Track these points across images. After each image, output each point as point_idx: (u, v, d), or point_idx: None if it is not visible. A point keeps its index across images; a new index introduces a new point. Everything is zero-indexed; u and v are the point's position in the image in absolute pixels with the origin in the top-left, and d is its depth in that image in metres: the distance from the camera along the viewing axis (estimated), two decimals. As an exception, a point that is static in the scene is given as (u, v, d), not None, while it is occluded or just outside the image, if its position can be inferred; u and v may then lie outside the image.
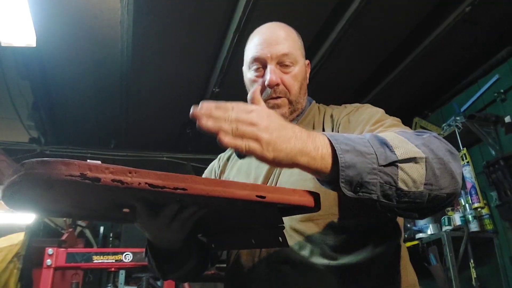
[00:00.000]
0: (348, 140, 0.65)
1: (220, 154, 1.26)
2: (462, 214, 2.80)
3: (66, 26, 2.54)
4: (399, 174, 0.64)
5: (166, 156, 4.11)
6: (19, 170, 0.55)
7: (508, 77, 2.78)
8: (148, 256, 0.97)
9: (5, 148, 3.40)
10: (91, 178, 0.54)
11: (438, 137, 0.74)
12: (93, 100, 3.41)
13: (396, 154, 0.64)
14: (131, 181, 0.57)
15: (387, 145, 0.65)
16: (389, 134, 0.71)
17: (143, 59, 2.88)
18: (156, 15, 2.49)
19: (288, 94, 1.03)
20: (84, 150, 3.92)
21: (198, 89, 3.31)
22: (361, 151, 0.63)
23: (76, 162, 0.55)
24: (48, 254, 2.20)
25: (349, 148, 0.63)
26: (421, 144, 0.68)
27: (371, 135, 0.68)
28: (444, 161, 0.68)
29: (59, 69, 2.97)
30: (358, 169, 0.62)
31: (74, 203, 0.69)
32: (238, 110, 0.62)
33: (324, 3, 2.47)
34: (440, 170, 0.67)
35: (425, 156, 0.66)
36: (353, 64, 3.08)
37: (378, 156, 0.63)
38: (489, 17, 2.59)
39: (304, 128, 1.04)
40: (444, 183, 0.67)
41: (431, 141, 0.71)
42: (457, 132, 2.86)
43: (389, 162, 0.63)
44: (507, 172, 2.56)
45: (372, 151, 0.64)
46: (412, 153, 0.65)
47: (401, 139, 0.68)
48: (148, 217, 0.70)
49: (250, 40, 1.10)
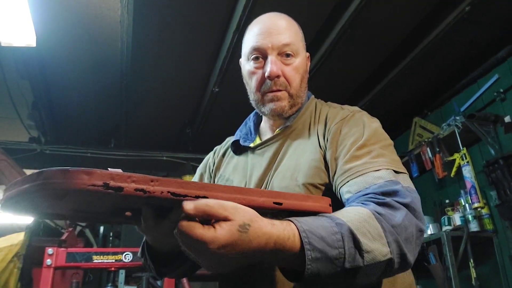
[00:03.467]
0: (321, 242, 0.64)
1: (216, 147, 1.22)
2: (462, 214, 2.80)
3: (66, 26, 2.54)
4: (359, 273, 0.67)
5: (166, 156, 4.10)
6: (35, 179, 0.52)
7: (508, 76, 2.78)
8: (145, 257, 0.95)
9: (5, 148, 3.40)
10: (114, 188, 0.53)
11: (413, 209, 0.76)
12: (93, 99, 3.41)
13: (365, 260, 0.66)
14: (153, 190, 0.56)
15: (360, 249, 0.66)
16: (366, 220, 0.70)
17: (143, 59, 2.88)
18: (156, 15, 2.49)
19: (289, 87, 0.99)
20: (84, 149, 3.92)
21: (198, 89, 3.31)
22: (331, 258, 0.64)
23: (98, 171, 0.53)
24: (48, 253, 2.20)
25: (321, 255, 0.63)
26: (392, 240, 0.70)
27: (348, 229, 0.67)
28: (406, 256, 0.71)
29: (59, 69, 2.97)
30: (322, 275, 0.64)
31: (77, 207, 0.67)
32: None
33: (324, 2, 2.47)
34: (398, 264, 0.71)
35: (390, 257, 0.69)
36: (353, 64, 3.08)
37: (347, 259, 0.65)
38: (489, 16, 2.59)
39: (301, 125, 1.02)
40: (396, 271, 0.73)
41: (404, 228, 0.72)
42: (457, 132, 2.86)
43: (354, 266, 0.65)
44: (507, 172, 2.56)
45: (342, 254, 0.64)
46: (380, 257, 0.67)
47: (377, 233, 0.69)
48: (154, 222, 0.68)
49: (250, 29, 1.05)
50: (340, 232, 0.66)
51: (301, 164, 0.94)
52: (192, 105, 3.55)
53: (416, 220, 0.76)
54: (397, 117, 3.65)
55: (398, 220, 0.72)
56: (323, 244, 0.63)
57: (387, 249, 0.68)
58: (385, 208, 0.74)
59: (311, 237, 0.63)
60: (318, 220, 0.68)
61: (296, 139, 1.01)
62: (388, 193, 0.77)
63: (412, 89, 3.39)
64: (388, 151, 0.89)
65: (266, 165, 1.00)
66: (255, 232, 0.60)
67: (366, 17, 2.49)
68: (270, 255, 0.63)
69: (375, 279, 0.71)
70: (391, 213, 0.73)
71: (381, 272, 0.70)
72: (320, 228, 0.66)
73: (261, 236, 0.61)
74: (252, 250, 0.60)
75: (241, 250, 0.59)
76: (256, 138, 1.11)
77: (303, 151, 0.97)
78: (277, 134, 1.04)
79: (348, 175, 0.84)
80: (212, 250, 0.57)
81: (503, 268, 2.69)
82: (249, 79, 1.03)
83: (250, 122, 1.16)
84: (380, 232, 0.69)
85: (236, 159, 1.10)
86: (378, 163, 0.83)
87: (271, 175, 0.98)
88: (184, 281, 2.69)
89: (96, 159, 4.00)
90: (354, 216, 0.70)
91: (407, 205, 0.76)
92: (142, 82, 3.16)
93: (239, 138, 1.10)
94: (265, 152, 1.03)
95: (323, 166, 0.92)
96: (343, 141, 0.91)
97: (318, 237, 0.64)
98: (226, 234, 0.58)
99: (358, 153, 0.86)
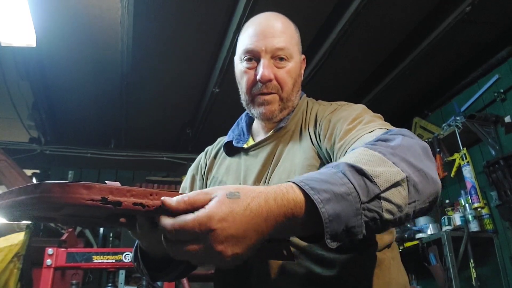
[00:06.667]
0: (324, 183, 0.56)
1: (207, 147, 1.20)
2: (462, 214, 2.80)
3: (66, 26, 2.54)
4: (383, 205, 0.58)
5: (166, 156, 4.10)
6: (31, 191, 0.50)
7: (508, 77, 2.78)
8: (138, 262, 0.93)
9: (5, 148, 3.40)
10: (112, 203, 0.51)
11: (409, 135, 0.70)
12: (93, 100, 3.41)
13: (378, 185, 0.58)
14: (152, 204, 0.54)
15: (366, 176, 0.58)
16: (362, 153, 0.64)
17: (143, 59, 2.88)
18: (156, 15, 2.49)
19: (280, 91, 0.98)
20: (84, 150, 3.92)
21: (198, 89, 3.31)
22: (342, 194, 0.55)
23: (97, 185, 0.51)
24: (48, 254, 2.19)
25: (329, 195, 0.54)
26: (398, 160, 0.62)
27: (344, 164, 0.60)
28: (424, 170, 0.64)
29: (59, 69, 2.97)
30: (343, 217, 0.55)
31: (71, 213, 0.66)
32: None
33: (325, 2, 2.47)
34: (422, 183, 0.63)
35: (405, 176, 0.61)
36: (353, 64, 3.08)
37: (360, 192, 0.56)
38: (489, 17, 2.59)
39: (294, 126, 1.01)
40: (426, 194, 0.64)
41: (406, 147, 0.66)
42: (457, 132, 2.86)
43: (372, 197, 0.57)
44: (507, 172, 2.56)
45: (352, 188, 0.56)
46: (393, 177, 0.59)
47: (377, 158, 0.62)
48: (150, 229, 0.67)
49: (245, 30, 1.03)
50: (339, 171, 0.59)
51: (296, 165, 0.94)
52: (192, 105, 3.55)
53: (416, 139, 0.69)
54: (397, 117, 3.65)
55: (396, 143, 0.66)
56: (326, 185, 0.56)
57: (397, 168, 0.61)
58: (379, 141, 0.68)
59: (310, 183, 0.56)
60: (312, 172, 0.61)
61: (290, 140, 1.01)
62: (379, 138, 0.71)
63: (412, 89, 3.39)
64: (378, 118, 0.89)
65: (260, 166, 0.99)
66: (247, 194, 0.54)
67: (366, 17, 2.49)
68: (276, 216, 0.54)
69: (418, 207, 0.62)
70: (386, 143, 0.67)
71: (411, 197, 0.60)
72: (316, 174, 0.59)
73: (257, 196, 0.54)
74: (253, 215, 0.53)
75: (243, 219, 0.52)
76: (249, 139, 1.10)
77: (297, 151, 0.97)
78: (271, 135, 1.03)
79: (345, 145, 0.83)
80: (215, 232, 0.51)
81: (504, 269, 2.69)
82: (241, 79, 1.03)
83: (243, 123, 1.15)
84: (381, 157, 0.62)
85: (228, 160, 1.08)
86: (370, 126, 0.82)
87: (267, 177, 0.97)
88: (184, 281, 2.69)
89: (96, 160, 4.00)
90: (348, 156, 0.65)
91: (401, 133, 0.70)
92: (142, 82, 3.15)
93: (232, 139, 1.09)
94: (259, 153, 1.03)
95: (317, 163, 0.92)
96: (335, 126, 0.91)
97: (318, 181, 0.57)
98: (217, 204, 0.52)
99: (350, 126, 0.86)
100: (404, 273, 0.95)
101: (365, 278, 0.87)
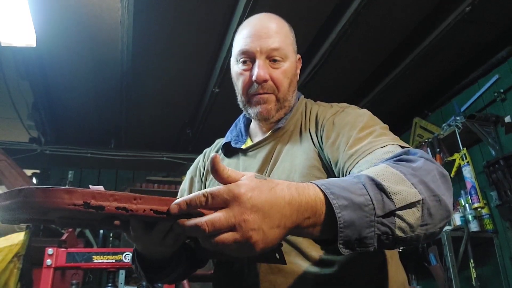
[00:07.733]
0: (344, 191, 0.59)
1: (205, 149, 1.20)
2: (462, 214, 2.80)
3: (66, 26, 2.54)
4: (396, 222, 0.61)
5: (166, 156, 4.11)
6: (15, 195, 0.51)
7: (508, 77, 2.78)
8: (135, 265, 0.93)
9: (5, 148, 3.39)
10: (94, 207, 0.52)
11: (430, 159, 0.72)
12: (93, 100, 3.41)
13: (394, 202, 0.60)
14: (136, 209, 0.55)
15: (385, 191, 0.61)
16: (383, 169, 0.66)
17: (143, 59, 2.88)
18: (156, 15, 2.49)
19: (276, 91, 0.99)
20: (84, 150, 3.93)
21: (198, 89, 3.31)
22: (359, 204, 0.58)
23: (79, 190, 0.52)
24: (48, 254, 2.19)
25: (347, 203, 0.57)
26: (417, 182, 0.64)
27: (366, 176, 0.63)
28: (440, 197, 0.65)
29: (59, 69, 2.97)
30: (357, 226, 0.57)
31: (66, 216, 0.67)
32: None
33: (325, 2, 2.47)
34: (435, 208, 0.65)
35: (421, 198, 0.63)
36: (353, 64, 3.08)
37: (376, 206, 0.59)
38: (489, 17, 2.59)
39: (292, 126, 1.00)
40: (438, 219, 0.65)
41: (426, 171, 0.68)
42: (457, 132, 2.86)
43: (387, 212, 0.60)
44: (507, 172, 2.56)
45: (369, 201, 0.59)
46: (410, 197, 0.62)
47: (398, 177, 0.64)
48: (143, 232, 0.67)
49: (240, 31, 1.04)
50: (360, 182, 0.62)
51: (296, 165, 0.93)
52: (192, 105, 3.55)
53: (436, 164, 0.71)
54: (397, 117, 3.65)
55: (418, 165, 0.68)
56: (346, 192, 0.59)
57: (415, 189, 0.63)
58: (401, 161, 0.71)
59: (332, 188, 0.59)
60: (334, 178, 0.65)
61: (288, 141, 1.00)
62: (400, 158, 0.74)
63: (412, 89, 3.39)
64: (388, 131, 0.89)
65: (259, 167, 0.99)
66: (272, 180, 0.58)
67: (366, 17, 2.49)
68: (298, 204, 0.57)
69: (429, 231, 0.64)
70: (407, 163, 0.70)
71: (423, 220, 0.62)
72: (338, 181, 0.62)
73: (280, 183, 0.58)
74: (278, 196, 0.56)
75: (268, 196, 0.55)
76: (247, 140, 1.11)
77: (297, 152, 0.96)
78: (269, 135, 1.03)
79: (356, 156, 0.83)
80: (243, 198, 0.53)
81: (504, 269, 2.69)
82: (237, 81, 1.03)
83: (240, 124, 1.15)
84: (401, 176, 0.64)
85: (227, 161, 1.08)
86: (382, 141, 0.82)
87: (266, 174, 0.97)
88: (184, 281, 2.69)
89: (96, 160, 4.00)
90: (370, 170, 0.67)
91: (422, 157, 0.72)
92: (142, 82, 3.16)
93: (230, 140, 1.09)
94: (257, 154, 1.03)
95: (318, 164, 0.92)
96: (340, 131, 0.91)
97: (339, 187, 0.59)
98: (246, 177, 0.57)
99: (360, 135, 0.86)
100: (402, 271, 0.95)
101: (363, 276, 0.87)
